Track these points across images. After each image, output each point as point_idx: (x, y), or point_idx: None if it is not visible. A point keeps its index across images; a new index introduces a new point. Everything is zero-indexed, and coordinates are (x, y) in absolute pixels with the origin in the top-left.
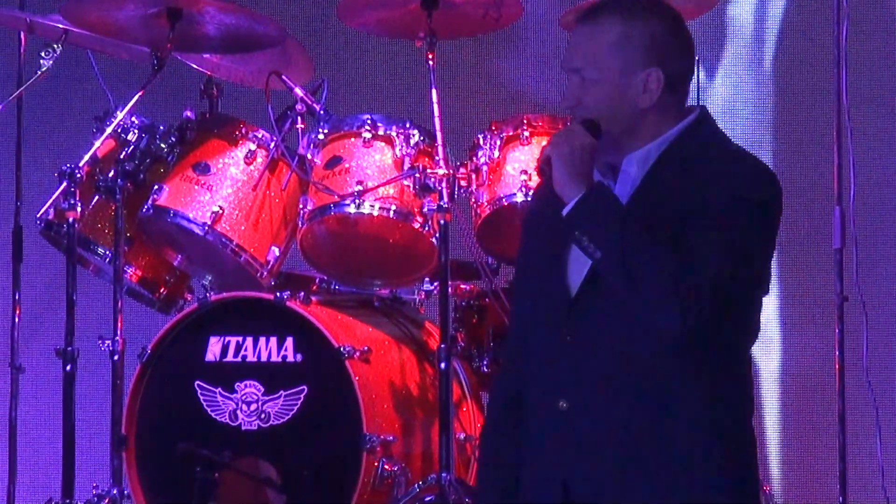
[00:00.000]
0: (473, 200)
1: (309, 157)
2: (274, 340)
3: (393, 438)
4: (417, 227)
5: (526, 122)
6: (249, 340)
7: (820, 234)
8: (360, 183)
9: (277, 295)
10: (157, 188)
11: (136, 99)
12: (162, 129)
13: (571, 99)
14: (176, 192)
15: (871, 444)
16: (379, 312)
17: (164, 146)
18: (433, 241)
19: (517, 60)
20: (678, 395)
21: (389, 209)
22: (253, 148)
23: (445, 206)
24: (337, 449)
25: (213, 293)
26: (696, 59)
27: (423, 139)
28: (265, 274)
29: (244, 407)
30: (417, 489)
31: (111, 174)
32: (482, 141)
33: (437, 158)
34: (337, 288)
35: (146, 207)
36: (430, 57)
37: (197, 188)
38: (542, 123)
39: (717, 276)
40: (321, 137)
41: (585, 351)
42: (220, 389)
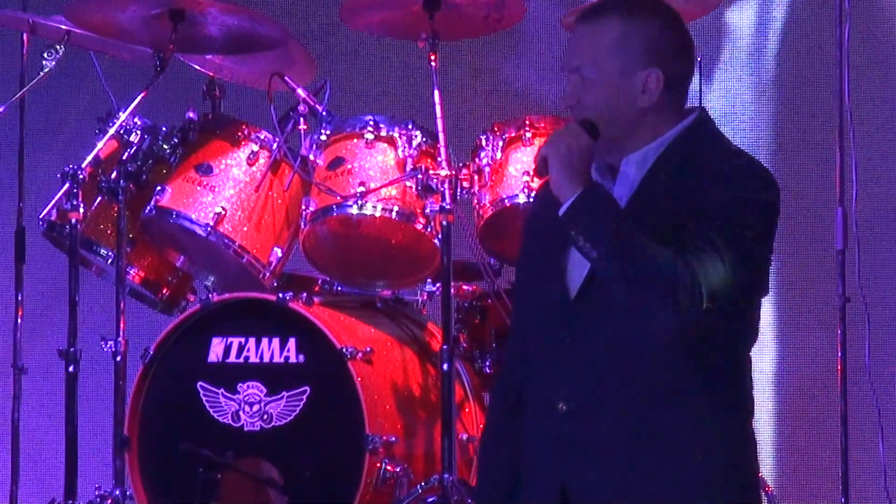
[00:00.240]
0: (476, 201)
1: (311, 158)
2: (276, 341)
3: (395, 439)
4: (420, 228)
5: (528, 123)
6: (252, 341)
7: (822, 235)
8: (362, 184)
9: (280, 296)
10: (159, 189)
11: (138, 100)
12: (164, 130)
13: (571, 98)
14: (178, 193)
15: (873, 445)
16: (381, 313)
17: (166, 147)
18: (435, 242)
19: (519, 61)
20: (678, 396)
21: (392, 210)
22: (255, 149)
23: (448, 207)
24: (339, 450)
25: (215, 294)
26: (696, 59)
27: (425, 140)
28: (267, 275)
29: (246, 408)
30: (420, 490)
31: (114, 175)
32: (484, 142)
33: (439, 159)
34: (339, 289)
35: (149, 208)
36: (432, 58)
37: (199, 189)
38: (544, 124)
39: (715, 276)
40: (323, 138)
41: (585, 353)
42: (222, 390)
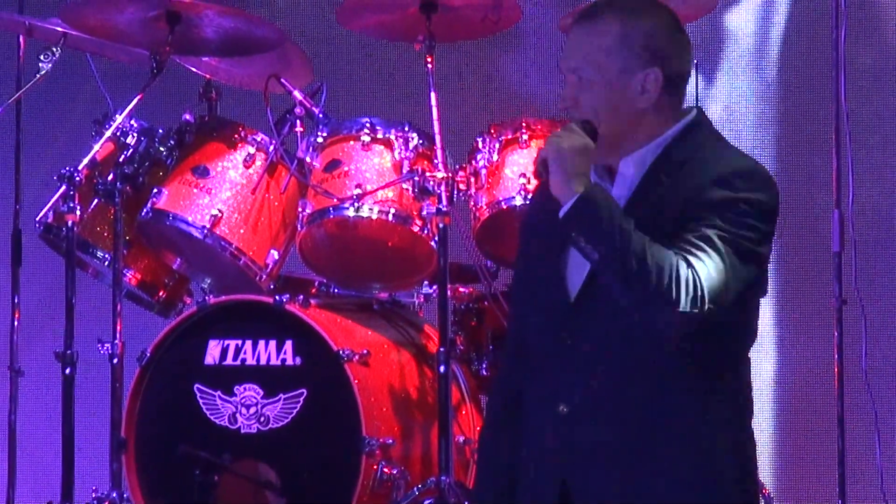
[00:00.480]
0: (472, 204)
1: (308, 160)
2: (273, 344)
3: (392, 441)
4: (416, 230)
5: (525, 125)
6: (249, 344)
7: (818, 237)
8: (359, 186)
9: (276, 298)
10: (156, 191)
11: (135, 102)
12: (161, 132)
13: (569, 99)
14: (175, 195)
15: (869, 447)
16: (378, 316)
17: (163, 149)
18: (432, 244)
19: (516, 64)
20: (678, 397)
21: (388, 212)
22: (252, 151)
23: (444, 209)
24: (336, 452)
25: (212, 296)
26: (693, 60)
27: (421, 142)
28: (264, 277)
29: (243, 410)
30: (417, 492)
31: (110, 177)
32: (481, 144)
33: (436, 162)
34: (336, 291)
35: (145, 211)
36: (428, 60)
37: (196, 191)
38: (541, 127)
39: (716, 277)
40: (320, 141)
41: (585, 354)
42: (219, 392)
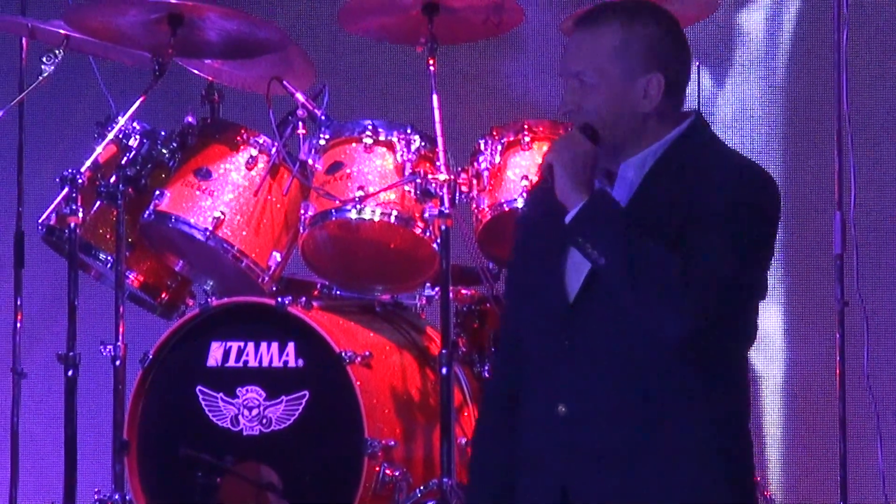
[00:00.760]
0: (474, 206)
1: (310, 162)
2: (275, 346)
3: (394, 443)
4: (418, 232)
5: (527, 127)
6: (251, 346)
7: (821, 239)
8: (361, 188)
9: (279, 300)
10: (158, 194)
11: (137, 104)
12: (163, 134)
13: (570, 104)
14: (177, 197)
15: (872, 449)
16: (380, 318)
17: (165, 152)
18: (434, 246)
19: (518, 66)
20: (678, 399)
21: (390, 214)
22: (254, 153)
23: (446, 211)
24: (338, 454)
25: (214, 298)
26: (693, 64)
27: (424, 144)
28: (266, 279)
29: (246, 412)
30: (419, 494)
31: (113, 179)
32: (483, 146)
33: (438, 164)
34: (338, 293)
35: (148, 213)
36: (430, 62)
37: (198, 194)
38: (542, 129)
39: (720, 280)
40: (322, 143)
41: (584, 356)
42: (221, 394)
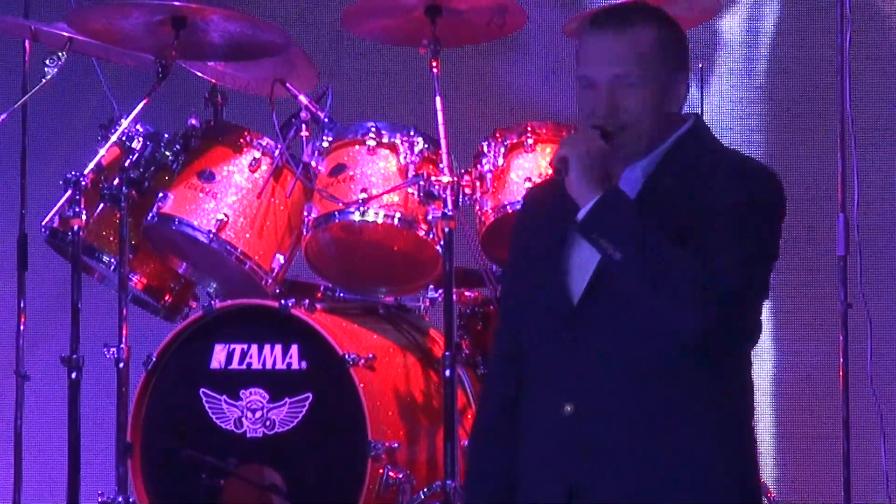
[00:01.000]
0: (478, 208)
1: (313, 164)
2: (279, 348)
3: (398, 445)
4: (422, 234)
5: (530, 129)
6: (254, 348)
7: (824, 241)
8: (364, 190)
9: (282, 302)
10: (161, 196)
11: (140, 107)
12: (166, 136)
13: (604, 108)
14: (181, 199)
15: (875, 450)
16: (384, 320)
17: (168, 154)
18: (437, 248)
19: (521, 68)
20: (685, 397)
21: (394, 217)
22: (257, 155)
23: (450, 213)
24: (342, 456)
25: (217, 301)
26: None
27: (427, 147)
28: (270, 281)
29: (249, 414)
30: (422, 496)
31: (116, 182)
32: (486, 148)
33: (441, 166)
34: (341, 295)
35: (151, 215)
36: (434, 64)
37: (202, 196)
38: (546, 131)
39: (734, 278)
40: (325, 145)
41: (590, 355)
42: (225, 397)
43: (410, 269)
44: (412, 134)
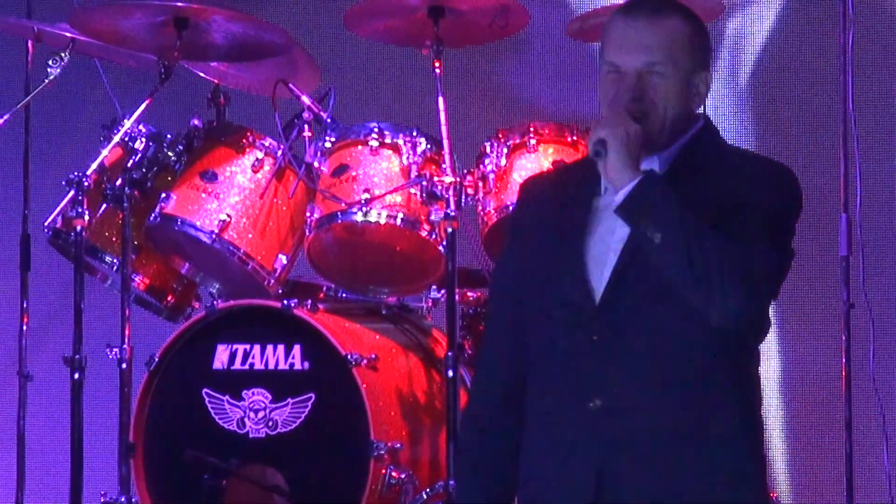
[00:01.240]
0: (480, 208)
1: (316, 165)
2: (281, 348)
3: (400, 446)
4: (424, 234)
5: (532, 130)
6: (257, 348)
7: (826, 241)
8: (367, 191)
9: (285, 303)
10: (164, 196)
11: (143, 107)
12: (169, 137)
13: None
14: (183, 200)
15: (878, 450)
16: (386, 320)
17: (171, 154)
18: (440, 248)
19: (524, 68)
20: (709, 387)
21: (396, 217)
22: (260, 156)
23: (452, 213)
24: (344, 456)
25: (220, 301)
26: None
27: (429, 147)
28: (272, 282)
29: (252, 414)
30: (425, 497)
31: (118, 182)
32: (489, 149)
33: (443, 166)
34: (344, 296)
35: (153, 216)
36: (436, 65)
37: (204, 196)
38: (548, 131)
39: (770, 265)
40: (328, 145)
41: (616, 350)
42: (227, 397)
43: (413, 269)
44: (415, 134)
